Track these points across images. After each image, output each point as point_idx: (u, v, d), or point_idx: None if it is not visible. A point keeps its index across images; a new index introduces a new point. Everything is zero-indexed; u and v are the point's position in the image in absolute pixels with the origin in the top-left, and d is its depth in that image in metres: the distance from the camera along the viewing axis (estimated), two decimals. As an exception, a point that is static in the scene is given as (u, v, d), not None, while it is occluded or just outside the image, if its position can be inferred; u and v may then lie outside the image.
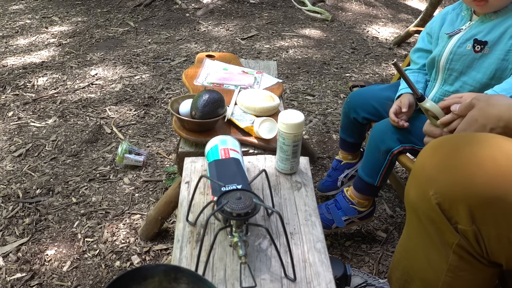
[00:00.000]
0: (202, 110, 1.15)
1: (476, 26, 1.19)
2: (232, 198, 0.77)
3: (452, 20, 1.27)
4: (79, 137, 2.08)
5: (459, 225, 0.75)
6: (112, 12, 3.80)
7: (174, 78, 2.65)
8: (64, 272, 1.42)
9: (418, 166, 0.83)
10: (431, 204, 0.77)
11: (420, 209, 0.81)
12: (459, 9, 1.28)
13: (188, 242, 0.84)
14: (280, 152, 0.98)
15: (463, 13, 1.25)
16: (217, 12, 3.82)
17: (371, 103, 1.42)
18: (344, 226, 1.43)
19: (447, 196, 0.75)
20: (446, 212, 0.76)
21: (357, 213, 1.41)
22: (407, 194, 0.85)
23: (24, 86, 2.56)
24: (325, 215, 1.43)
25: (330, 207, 1.44)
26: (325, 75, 2.71)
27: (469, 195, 0.72)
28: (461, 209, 0.73)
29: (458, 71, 1.21)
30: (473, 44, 1.17)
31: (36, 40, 3.23)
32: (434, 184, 0.77)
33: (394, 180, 1.72)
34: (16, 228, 1.58)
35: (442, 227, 0.78)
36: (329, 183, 1.66)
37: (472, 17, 1.22)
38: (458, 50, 1.20)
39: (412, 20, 3.65)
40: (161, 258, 1.47)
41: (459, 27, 1.23)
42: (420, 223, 0.84)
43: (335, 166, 1.65)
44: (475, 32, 1.17)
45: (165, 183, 1.78)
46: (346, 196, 1.42)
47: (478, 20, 1.19)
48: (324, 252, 0.82)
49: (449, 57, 1.22)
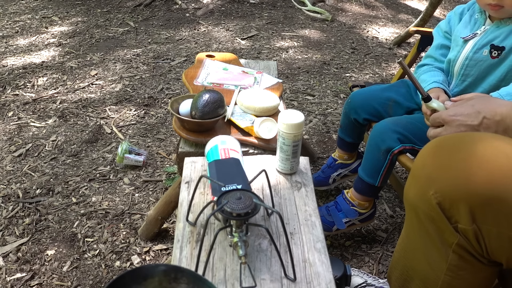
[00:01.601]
0: (202, 110, 1.15)
1: (492, 31, 1.16)
2: (232, 198, 0.77)
3: (466, 22, 1.25)
4: (79, 137, 2.08)
5: (459, 225, 0.75)
6: (112, 12, 3.80)
7: (174, 78, 2.65)
8: (64, 272, 1.42)
9: (418, 166, 0.82)
10: (431, 204, 0.77)
11: (419, 209, 0.81)
12: (472, 10, 1.25)
13: (188, 242, 0.84)
14: (280, 152, 0.98)
15: (476, 16, 1.23)
16: (217, 12, 3.82)
17: (372, 104, 1.42)
18: (345, 228, 1.42)
19: (448, 195, 0.75)
20: (446, 212, 0.76)
21: (357, 214, 1.41)
22: (406, 194, 0.85)
23: (24, 86, 2.56)
24: (325, 217, 1.43)
25: (331, 209, 1.44)
26: (325, 75, 2.71)
27: (469, 195, 0.72)
28: (461, 208, 0.73)
29: (474, 76, 1.19)
30: (490, 50, 1.15)
31: (36, 40, 3.23)
32: (434, 184, 0.77)
33: (394, 180, 1.72)
34: (16, 228, 1.58)
35: (442, 226, 0.78)
36: (321, 178, 1.67)
37: (486, 21, 1.20)
38: (475, 56, 1.18)
39: (412, 20, 3.65)
40: (161, 258, 1.47)
41: (474, 31, 1.21)
42: (420, 222, 0.84)
43: (330, 164, 1.67)
44: (492, 37, 1.15)
45: (165, 183, 1.78)
46: (346, 198, 1.41)
47: (494, 25, 1.16)
48: (324, 252, 0.82)
49: (465, 62, 1.20)
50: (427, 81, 1.24)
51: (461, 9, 1.30)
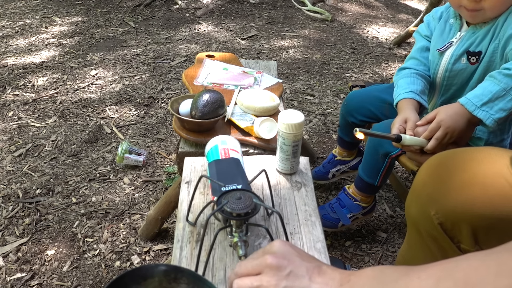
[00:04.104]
0: (202, 110, 1.15)
1: (468, 38, 1.12)
2: (232, 198, 0.77)
3: (441, 30, 1.20)
4: (79, 137, 2.08)
5: (462, 245, 0.74)
6: (112, 12, 3.80)
7: (174, 78, 2.65)
8: (64, 272, 1.42)
9: (419, 183, 0.81)
10: (432, 223, 0.76)
11: (421, 226, 0.80)
12: (446, 15, 1.21)
13: (188, 242, 0.84)
14: (280, 152, 0.98)
15: (451, 21, 1.18)
16: (217, 12, 3.82)
17: (368, 107, 1.42)
18: (350, 223, 1.44)
19: (450, 217, 0.73)
20: (448, 232, 0.74)
21: (361, 209, 1.43)
22: (408, 209, 0.84)
23: (24, 86, 2.56)
24: (330, 215, 1.44)
25: (335, 206, 1.45)
26: (325, 75, 2.71)
27: (472, 217, 0.71)
28: (464, 230, 0.72)
29: (458, 84, 1.17)
30: (467, 57, 1.11)
31: (36, 40, 3.23)
32: (436, 204, 0.75)
33: (394, 180, 1.72)
34: (16, 228, 1.58)
35: (445, 245, 0.77)
36: (321, 172, 1.70)
37: (462, 26, 1.16)
38: (454, 67, 1.15)
39: (412, 20, 3.65)
40: (161, 258, 1.47)
41: (450, 38, 1.16)
42: (422, 238, 0.83)
43: (330, 159, 1.70)
44: (468, 44, 1.11)
45: (165, 183, 1.78)
46: (349, 194, 1.43)
47: (470, 31, 1.12)
48: (324, 252, 0.82)
49: (445, 74, 1.17)
50: (404, 89, 1.17)
51: (439, 12, 1.25)
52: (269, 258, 0.59)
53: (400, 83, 1.21)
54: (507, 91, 0.96)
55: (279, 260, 0.59)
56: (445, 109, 1.00)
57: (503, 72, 0.97)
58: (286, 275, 0.57)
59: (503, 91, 0.96)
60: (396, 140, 1.01)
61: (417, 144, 1.01)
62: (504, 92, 0.96)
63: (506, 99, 0.96)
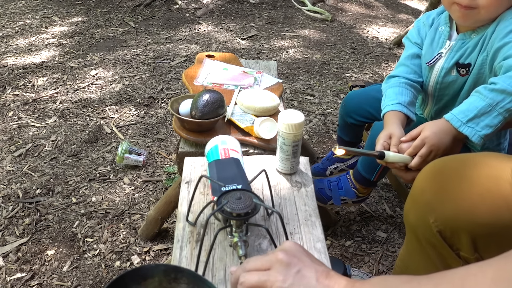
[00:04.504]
0: (202, 110, 1.15)
1: (457, 50, 1.11)
2: (232, 198, 0.77)
3: (431, 39, 1.19)
4: (79, 137, 2.08)
5: (461, 252, 0.74)
6: (112, 12, 3.80)
7: (174, 78, 2.65)
8: (64, 272, 1.42)
9: (417, 190, 0.81)
10: (431, 231, 0.75)
11: (420, 233, 0.80)
12: (437, 22, 1.19)
13: (188, 242, 0.84)
14: (280, 152, 0.98)
15: (441, 28, 1.17)
16: (217, 12, 3.82)
17: (366, 108, 1.43)
18: (340, 205, 1.45)
19: (449, 225, 0.73)
20: (447, 240, 0.74)
21: (355, 197, 1.43)
22: (406, 216, 0.84)
23: (24, 86, 2.56)
24: (325, 190, 1.45)
25: (332, 184, 1.45)
26: (325, 75, 2.71)
27: (471, 225, 0.71)
28: (463, 238, 0.72)
29: (449, 95, 1.17)
30: (457, 69, 1.11)
31: (36, 40, 3.23)
32: (434, 212, 0.75)
33: (394, 180, 1.72)
34: (16, 228, 1.58)
35: (444, 253, 0.76)
36: (320, 169, 1.73)
37: (452, 35, 1.15)
38: (444, 79, 1.14)
39: (412, 20, 3.65)
40: (161, 258, 1.47)
41: (439, 49, 1.15)
42: (421, 245, 0.82)
43: (328, 156, 1.72)
44: (457, 57, 1.11)
45: (165, 183, 1.78)
46: (350, 179, 1.43)
47: (459, 41, 1.11)
48: (324, 252, 0.82)
49: (436, 86, 1.17)
50: (392, 100, 1.15)
51: (430, 19, 1.22)
52: (280, 254, 0.60)
53: (388, 93, 1.19)
54: (493, 106, 0.92)
55: (289, 257, 0.60)
56: (430, 126, 0.98)
57: (488, 87, 0.94)
58: (294, 273, 0.58)
59: (489, 107, 0.92)
60: (379, 157, 1.00)
61: (400, 161, 1.00)
62: (490, 108, 0.92)
63: (492, 115, 0.92)
